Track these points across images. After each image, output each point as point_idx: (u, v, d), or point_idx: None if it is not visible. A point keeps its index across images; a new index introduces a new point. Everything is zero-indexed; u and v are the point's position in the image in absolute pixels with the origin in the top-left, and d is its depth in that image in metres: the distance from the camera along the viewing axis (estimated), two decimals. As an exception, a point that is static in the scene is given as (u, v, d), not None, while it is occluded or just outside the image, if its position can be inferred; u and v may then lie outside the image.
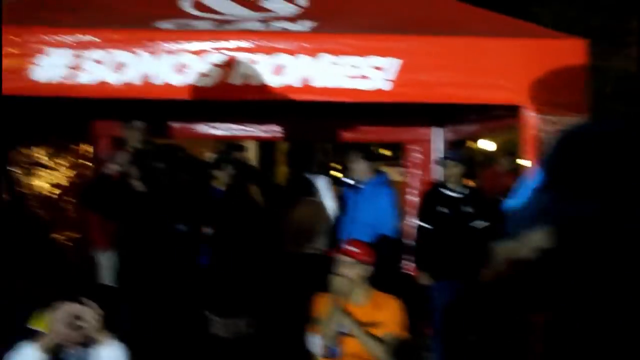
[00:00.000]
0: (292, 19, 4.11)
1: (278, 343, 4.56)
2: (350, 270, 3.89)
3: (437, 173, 5.70)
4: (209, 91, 3.75)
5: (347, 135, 6.29)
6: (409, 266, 6.00)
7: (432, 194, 5.46)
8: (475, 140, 12.36)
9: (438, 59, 3.87)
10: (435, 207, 5.35)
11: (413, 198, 6.25)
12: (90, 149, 5.88)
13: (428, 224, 5.40)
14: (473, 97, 3.97)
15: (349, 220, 5.40)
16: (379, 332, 3.83)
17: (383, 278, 4.12)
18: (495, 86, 3.92)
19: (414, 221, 5.63)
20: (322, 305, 3.92)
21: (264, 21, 4.05)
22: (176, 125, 6.04)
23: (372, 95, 3.85)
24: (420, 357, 5.71)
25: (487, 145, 13.55)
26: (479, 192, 5.58)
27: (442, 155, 5.87)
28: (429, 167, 6.27)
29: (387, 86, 3.83)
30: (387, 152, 18.47)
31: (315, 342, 3.96)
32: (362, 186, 5.47)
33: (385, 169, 6.13)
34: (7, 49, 3.51)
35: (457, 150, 5.86)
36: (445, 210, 5.32)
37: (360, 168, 5.47)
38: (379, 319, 3.86)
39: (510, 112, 4.15)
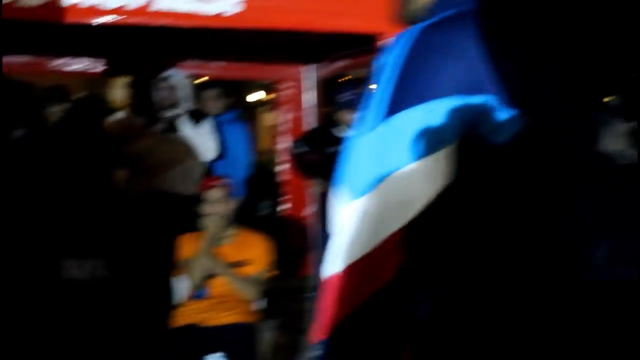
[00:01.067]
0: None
1: (139, 285, 4.30)
2: (216, 207, 3.71)
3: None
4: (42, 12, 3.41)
5: (210, 72, 6.00)
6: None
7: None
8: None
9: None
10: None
11: (284, 142, 6.08)
12: None
13: None
14: (330, 26, 3.79)
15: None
16: (247, 271, 3.69)
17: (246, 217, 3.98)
18: (354, 13, 3.74)
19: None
20: (187, 246, 3.73)
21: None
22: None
23: (218, 20, 3.60)
24: (296, 297, 5.63)
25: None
26: None
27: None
28: (300, 108, 6.09)
29: (235, 10, 3.60)
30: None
31: (181, 284, 3.77)
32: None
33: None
34: None
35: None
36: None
37: (215, 105, 5.24)
38: (246, 258, 3.71)
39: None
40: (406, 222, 1.48)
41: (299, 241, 5.97)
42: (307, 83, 6.03)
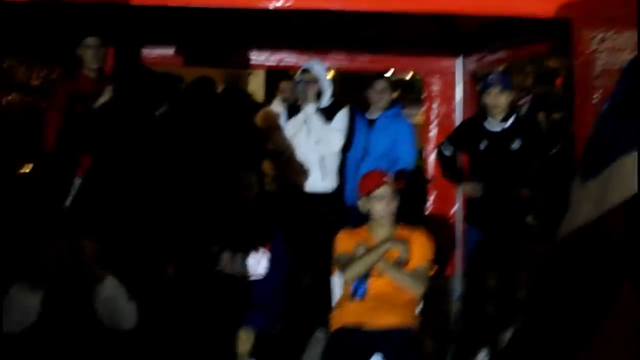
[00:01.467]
0: None
1: (296, 283, 4.16)
2: (385, 204, 3.53)
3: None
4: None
5: (359, 65, 5.86)
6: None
7: (470, 128, 4.68)
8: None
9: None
10: (475, 142, 4.53)
11: (432, 136, 5.84)
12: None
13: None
14: (506, 9, 3.49)
15: (358, 156, 4.95)
16: (410, 267, 3.49)
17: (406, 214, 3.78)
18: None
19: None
20: (345, 242, 3.57)
21: None
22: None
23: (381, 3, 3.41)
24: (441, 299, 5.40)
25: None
26: (531, 125, 4.81)
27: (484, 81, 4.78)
28: (451, 102, 5.81)
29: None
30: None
31: (338, 282, 3.63)
32: (375, 117, 5.02)
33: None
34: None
35: (504, 74, 4.87)
36: (483, 147, 4.49)
37: (382, 98, 4.98)
38: (409, 254, 3.49)
39: (547, 31, 3.69)
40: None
41: (444, 241, 5.75)
42: (458, 76, 5.76)
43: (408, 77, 10.47)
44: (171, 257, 3.83)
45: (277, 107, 5.52)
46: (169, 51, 5.73)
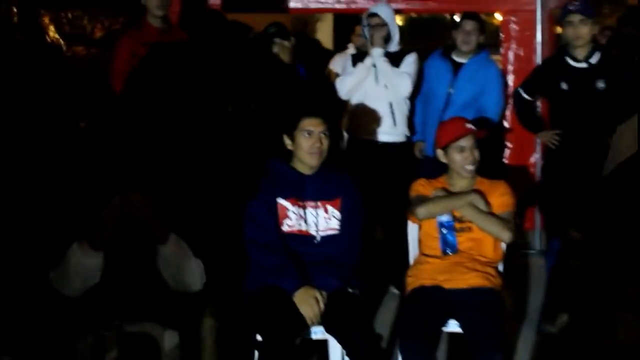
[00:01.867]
0: None
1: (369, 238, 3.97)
2: (476, 152, 3.28)
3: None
4: None
5: (430, 5, 5.54)
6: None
7: (552, 65, 4.25)
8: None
9: None
10: (556, 82, 4.11)
11: (510, 81, 5.49)
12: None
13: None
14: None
15: (441, 105, 4.64)
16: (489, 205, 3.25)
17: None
18: None
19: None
20: (422, 188, 3.36)
21: None
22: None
23: None
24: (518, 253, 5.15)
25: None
26: (619, 64, 4.20)
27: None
28: (531, 44, 5.42)
29: None
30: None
31: (412, 237, 3.45)
32: (462, 61, 4.69)
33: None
34: None
35: (585, 1, 4.24)
36: (564, 87, 4.09)
37: (470, 40, 4.63)
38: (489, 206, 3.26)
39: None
40: None
41: (522, 192, 5.46)
42: (538, 15, 5.37)
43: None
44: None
45: (352, 52, 5.28)
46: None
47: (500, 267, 3.36)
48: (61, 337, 2.65)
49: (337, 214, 3.23)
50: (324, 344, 3.12)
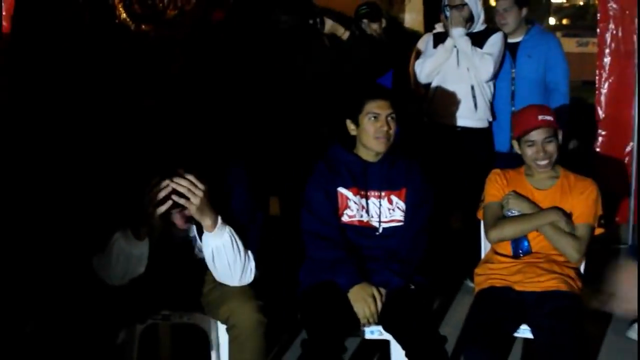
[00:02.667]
0: None
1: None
2: (549, 147, 3.00)
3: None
4: None
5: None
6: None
7: None
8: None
9: None
10: None
11: (607, 64, 5.09)
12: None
13: None
14: None
15: (507, 90, 4.38)
16: (572, 223, 2.96)
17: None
18: None
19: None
20: (495, 186, 3.10)
21: None
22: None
23: None
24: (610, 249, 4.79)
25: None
26: None
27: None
28: (632, 24, 4.97)
29: None
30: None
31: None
32: (517, 40, 4.39)
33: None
34: None
35: None
36: None
37: (507, 20, 4.36)
38: (569, 206, 2.99)
39: None
40: None
41: (616, 185, 5.07)
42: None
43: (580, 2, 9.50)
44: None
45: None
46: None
47: (582, 267, 3.07)
48: (110, 326, 2.55)
49: (402, 204, 3.01)
50: (385, 344, 2.92)
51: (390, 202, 3.01)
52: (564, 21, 24.50)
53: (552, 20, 23.89)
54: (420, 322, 2.71)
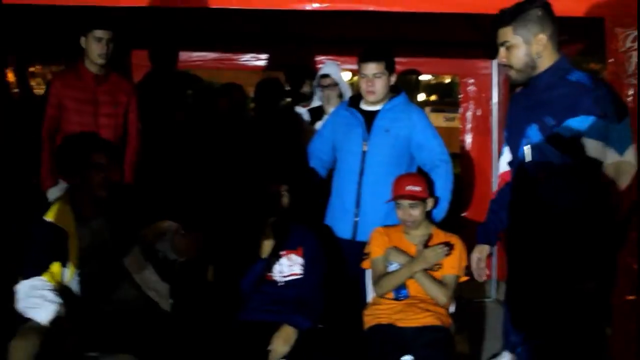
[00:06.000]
0: None
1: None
2: (412, 212, 3.61)
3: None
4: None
5: (400, 68, 5.86)
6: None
7: None
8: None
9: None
10: None
11: (468, 139, 5.85)
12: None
13: None
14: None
15: (370, 155, 3.92)
16: (440, 273, 3.56)
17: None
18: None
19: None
20: (378, 242, 3.66)
21: None
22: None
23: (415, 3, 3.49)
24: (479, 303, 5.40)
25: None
26: None
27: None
28: (488, 104, 5.79)
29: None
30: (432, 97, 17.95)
31: (370, 279, 3.74)
32: (378, 108, 3.95)
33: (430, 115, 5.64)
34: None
35: None
36: None
37: (382, 85, 3.89)
38: (440, 260, 3.56)
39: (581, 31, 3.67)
40: None
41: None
42: (494, 78, 5.74)
43: (447, 80, 10.50)
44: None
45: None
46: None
47: (452, 309, 3.64)
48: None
49: (301, 260, 3.59)
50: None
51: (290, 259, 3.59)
52: (432, 97, 25.93)
53: (421, 96, 25.34)
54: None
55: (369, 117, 3.96)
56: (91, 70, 4.26)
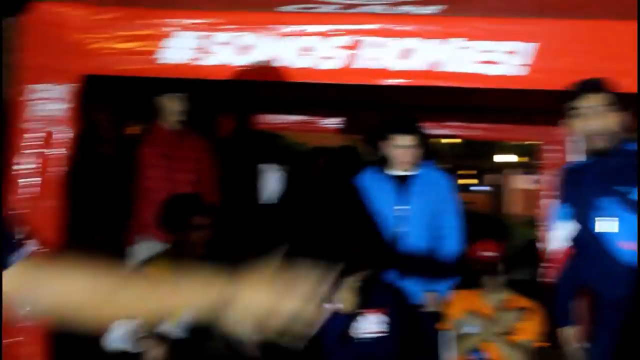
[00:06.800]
0: (420, 3, 3.91)
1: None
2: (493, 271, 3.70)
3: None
4: (333, 75, 3.63)
5: (472, 134, 6.02)
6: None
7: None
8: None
9: (577, 44, 3.56)
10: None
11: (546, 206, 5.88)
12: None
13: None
14: (616, 86, 3.61)
15: (402, 219, 4.24)
16: (516, 338, 3.62)
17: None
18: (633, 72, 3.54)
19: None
20: (456, 306, 3.75)
21: (390, 5, 3.89)
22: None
23: (505, 81, 3.60)
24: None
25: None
26: None
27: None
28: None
29: (521, 72, 3.57)
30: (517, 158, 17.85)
31: (446, 341, 3.80)
32: (410, 174, 4.36)
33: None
34: (134, 32, 3.55)
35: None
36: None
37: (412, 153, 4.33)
38: (517, 325, 3.68)
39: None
40: None
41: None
42: (571, 146, 5.80)
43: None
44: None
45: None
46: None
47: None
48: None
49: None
50: None
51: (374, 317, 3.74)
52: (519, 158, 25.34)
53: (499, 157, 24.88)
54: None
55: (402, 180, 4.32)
56: (168, 128, 4.50)
